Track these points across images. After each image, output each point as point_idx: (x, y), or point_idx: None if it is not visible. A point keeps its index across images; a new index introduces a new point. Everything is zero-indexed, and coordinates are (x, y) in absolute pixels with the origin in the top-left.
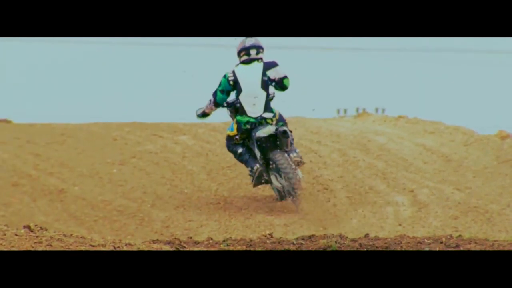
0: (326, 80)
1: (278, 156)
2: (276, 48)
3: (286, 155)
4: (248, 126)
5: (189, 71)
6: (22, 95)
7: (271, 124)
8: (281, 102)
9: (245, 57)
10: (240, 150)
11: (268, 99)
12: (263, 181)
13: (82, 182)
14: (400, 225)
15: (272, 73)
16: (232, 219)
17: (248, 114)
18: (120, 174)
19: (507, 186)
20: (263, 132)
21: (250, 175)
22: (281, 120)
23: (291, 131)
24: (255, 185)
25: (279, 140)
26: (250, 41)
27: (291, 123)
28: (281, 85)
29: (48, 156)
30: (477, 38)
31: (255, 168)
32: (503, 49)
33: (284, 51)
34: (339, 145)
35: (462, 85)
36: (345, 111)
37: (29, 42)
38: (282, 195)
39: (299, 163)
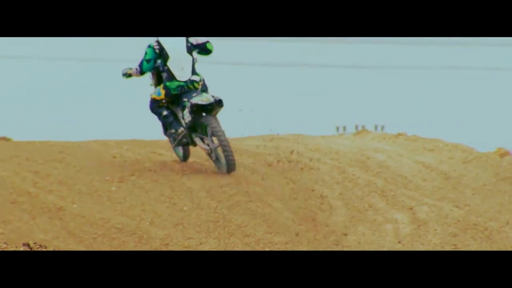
0: (325, 97)
1: (211, 121)
2: (275, 65)
3: (217, 119)
4: (178, 91)
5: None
6: (21, 113)
7: (198, 89)
8: (281, 119)
9: None
10: (165, 113)
11: (194, 63)
12: (183, 142)
13: (81, 200)
14: (399, 242)
15: (194, 40)
16: (232, 237)
17: (178, 78)
18: (119, 192)
19: (506, 204)
20: (202, 100)
21: (173, 137)
22: (204, 85)
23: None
24: (175, 146)
25: (213, 107)
26: None
27: (290, 140)
28: (205, 49)
29: (47, 173)
30: (477, 54)
31: (179, 130)
32: (502, 66)
33: (283, 68)
34: (338, 162)
35: (461, 102)
36: (344, 128)
37: (28, 60)
38: (187, 153)
39: None
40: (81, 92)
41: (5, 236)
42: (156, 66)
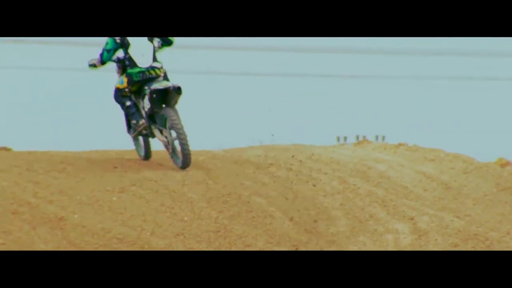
0: (326, 107)
1: (170, 112)
2: (276, 75)
3: (177, 112)
4: (139, 77)
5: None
6: (21, 123)
7: (160, 76)
8: (282, 128)
9: None
10: (128, 103)
11: (155, 51)
12: (143, 133)
13: (81, 210)
14: None
15: None
16: (232, 247)
17: (139, 65)
18: (120, 202)
19: (507, 214)
20: (160, 85)
21: (134, 128)
22: (166, 77)
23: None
24: (135, 136)
25: (172, 95)
26: None
27: (291, 150)
28: (166, 40)
29: (48, 183)
30: (477, 64)
31: (140, 122)
32: (503, 75)
33: (284, 78)
34: (339, 172)
35: (462, 112)
36: (345, 138)
37: (29, 70)
38: (148, 153)
39: None
40: (82, 101)
41: (6, 247)
42: (121, 59)
